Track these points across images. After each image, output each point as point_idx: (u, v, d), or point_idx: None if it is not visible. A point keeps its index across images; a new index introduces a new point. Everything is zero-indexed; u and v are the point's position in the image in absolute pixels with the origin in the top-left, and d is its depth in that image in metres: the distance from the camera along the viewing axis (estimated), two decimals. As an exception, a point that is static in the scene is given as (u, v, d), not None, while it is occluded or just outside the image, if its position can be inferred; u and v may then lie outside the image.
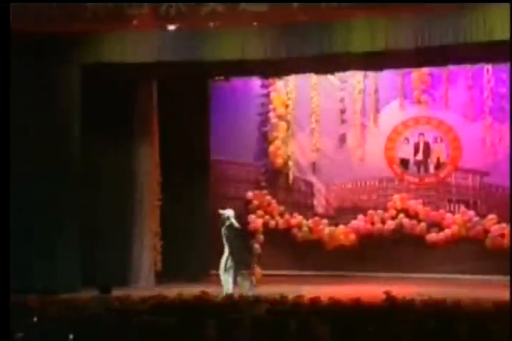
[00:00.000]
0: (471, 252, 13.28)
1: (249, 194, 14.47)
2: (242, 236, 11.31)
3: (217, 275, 11.40)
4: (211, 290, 10.49)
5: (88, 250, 12.32)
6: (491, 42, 10.14)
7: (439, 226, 13.68)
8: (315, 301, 9.65)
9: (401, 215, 13.87)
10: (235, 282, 11.02)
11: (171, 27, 10.45)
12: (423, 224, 13.73)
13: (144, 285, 12.47)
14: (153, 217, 13.06)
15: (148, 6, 10.36)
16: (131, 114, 12.92)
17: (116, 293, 9.69)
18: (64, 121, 11.92)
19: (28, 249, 11.53)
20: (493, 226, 13.26)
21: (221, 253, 11.29)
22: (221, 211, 11.28)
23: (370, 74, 13.63)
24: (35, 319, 6.94)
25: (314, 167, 14.31)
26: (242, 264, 11.16)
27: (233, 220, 11.14)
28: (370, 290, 10.93)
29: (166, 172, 13.31)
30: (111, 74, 11.94)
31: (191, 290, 10.64)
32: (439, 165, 13.88)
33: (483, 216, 13.43)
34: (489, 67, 13.09)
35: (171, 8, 10.12)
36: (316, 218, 14.25)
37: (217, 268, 11.29)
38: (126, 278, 12.63)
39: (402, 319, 6.83)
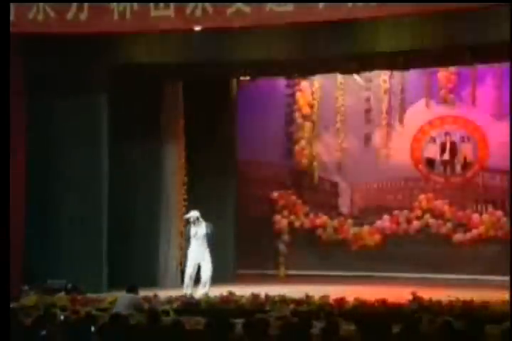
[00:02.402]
0: (499, 252, 13.15)
1: (275, 194, 14.46)
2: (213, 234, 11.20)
3: (245, 275, 11.32)
4: (238, 290, 10.54)
5: (115, 250, 12.39)
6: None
7: (465, 227, 13.58)
8: (340, 301, 9.64)
9: (427, 215, 13.78)
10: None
11: (197, 28, 10.44)
12: (449, 225, 13.64)
13: (171, 285, 12.50)
14: (179, 218, 13.08)
15: (174, 6, 10.36)
16: (157, 115, 12.96)
17: (143, 292, 9.76)
18: (91, 122, 11.99)
19: (57, 249, 11.64)
20: (522, 226, 13.14)
21: (248, 253, 11.19)
22: (187, 215, 11.11)
23: (396, 73, 13.54)
24: (61, 317, 7.00)
25: (339, 167, 14.26)
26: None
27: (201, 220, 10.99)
28: (396, 290, 10.90)
29: (192, 173, 13.34)
30: (138, 75, 11.99)
31: (218, 290, 10.68)
32: (465, 165, 13.76)
33: (511, 216, 13.31)
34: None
35: (196, 9, 10.12)
36: (341, 218, 14.22)
37: (244, 267, 11.19)
38: (153, 278, 12.68)
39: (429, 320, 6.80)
